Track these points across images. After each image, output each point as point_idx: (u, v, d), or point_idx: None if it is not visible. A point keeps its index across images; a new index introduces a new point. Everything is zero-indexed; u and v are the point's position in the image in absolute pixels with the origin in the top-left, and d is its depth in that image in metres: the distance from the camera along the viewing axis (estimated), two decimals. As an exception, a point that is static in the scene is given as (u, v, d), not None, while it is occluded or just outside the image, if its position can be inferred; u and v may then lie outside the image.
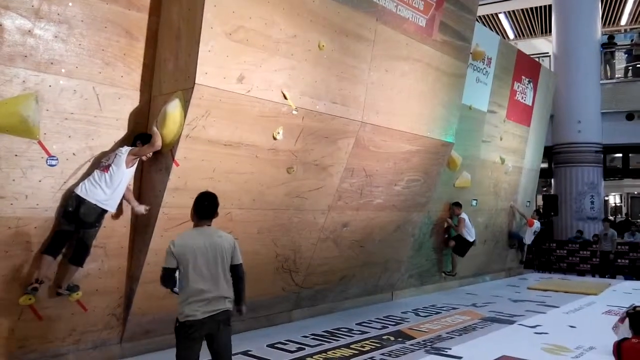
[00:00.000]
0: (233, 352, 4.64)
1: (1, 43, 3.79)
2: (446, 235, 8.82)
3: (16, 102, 3.83)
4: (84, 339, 4.48)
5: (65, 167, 4.15)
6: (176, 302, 3.33)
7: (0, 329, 3.98)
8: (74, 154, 4.19)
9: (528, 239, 10.92)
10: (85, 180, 4.16)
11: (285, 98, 4.91)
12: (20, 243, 3.98)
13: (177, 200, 4.51)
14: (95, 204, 4.12)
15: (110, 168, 4.20)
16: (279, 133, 5.01)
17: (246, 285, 3.51)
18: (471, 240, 8.70)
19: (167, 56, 4.51)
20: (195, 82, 4.17)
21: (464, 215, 8.62)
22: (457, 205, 8.64)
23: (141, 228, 4.64)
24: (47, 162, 4.03)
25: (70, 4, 4.09)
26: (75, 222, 4.09)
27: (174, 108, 4.22)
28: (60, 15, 4.05)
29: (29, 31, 3.91)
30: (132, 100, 4.54)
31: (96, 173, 4.19)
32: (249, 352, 4.92)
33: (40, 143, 3.98)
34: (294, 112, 5.04)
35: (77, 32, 4.15)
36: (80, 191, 4.10)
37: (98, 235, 4.37)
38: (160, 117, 4.27)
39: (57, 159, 4.08)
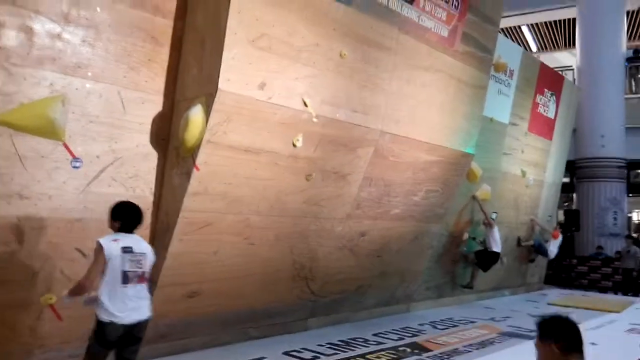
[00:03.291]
0: (249, 359, 4.62)
1: (31, 46, 3.89)
2: (464, 249, 8.71)
3: (44, 105, 3.91)
4: (102, 340, 4.50)
5: (89, 170, 4.21)
6: (192, 306, 3.36)
7: (20, 327, 4.04)
8: (97, 156, 4.25)
9: (552, 252, 10.66)
10: (122, 304, 3.30)
11: (306, 106, 4.93)
12: (43, 243, 4.04)
13: (197, 204, 4.55)
14: (148, 319, 3.52)
15: (146, 275, 3.52)
16: (298, 140, 5.03)
17: (262, 291, 3.17)
18: (497, 251, 8.56)
19: (191, 62, 4.57)
20: (218, 87, 4.22)
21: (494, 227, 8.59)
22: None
23: (161, 232, 4.68)
24: (71, 164, 4.10)
25: (98, 9, 4.18)
26: (122, 345, 3.41)
27: (196, 113, 4.27)
28: (89, 20, 4.14)
29: (58, 35, 4.01)
30: (156, 105, 4.60)
31: (130, 289, 3.34)
32: (265, 359, 4.90)
33: (65, 145, 4.06)
34: (314, 120, 5.06)
35: (104, 37, 4.24)
36: (129, 319, 3.33)
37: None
38: (183, 121, 4.33)
39: (81, 161, 4.15)
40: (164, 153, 4.68)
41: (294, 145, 5.03)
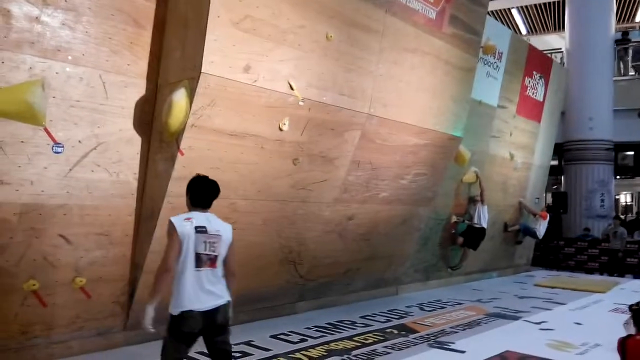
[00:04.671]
0: (236, 342, 4.60)
1: (8, 29, 3.79)
2: (453, 231, 8.77)
3: (23, 89, 3.82)
4: (88, 326, 4.50)
5: (71, 155, 4.15)
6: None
7: (4, 314, 4.00)
8: (79, 141, 4.19)
9: (541, 232, 10.70)
10: (199, 290, 3.01)
11: (292, 89, 4.89)
12: (25, 229, 4.00)
13: (181, 190, 4.44)
14: (228, 303, 3.15)
15: (218, 260, 3.13)
16: (285, 124, 4.99)
17: (250, 275, 3.19)
18: (484, 226, 8.64)
19: (174, 45, 4.50)
20: (202, 71, 4.15)
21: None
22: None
23: (145, 217, 4.64)
24: (52, 149, 4.04)
25: (77, -9, 4.08)
26: (209, 337, 3.11)
27: (180, 97, 4.21)
28: (68, 3, 4.05)
29: (36, 18, 3.92)
30: (139, 89, 4.53)
31: (204, 273, 3.03)
32: (252, 342, 4.92)
33: (46, 130, 3.99)
34: (300, 103, 5.02)
35: (84, 20, 4.15)
36: (208, 305, 3.02)
37: (102, 223, 4.40)
38: (166, 105, 4.27)
39: (62, 146, 4.09)
40: (148, 138, 4.62)
41: (280, 129, 5.00)
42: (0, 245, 3.91)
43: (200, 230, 3.04)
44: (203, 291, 3.01)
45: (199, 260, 3.02)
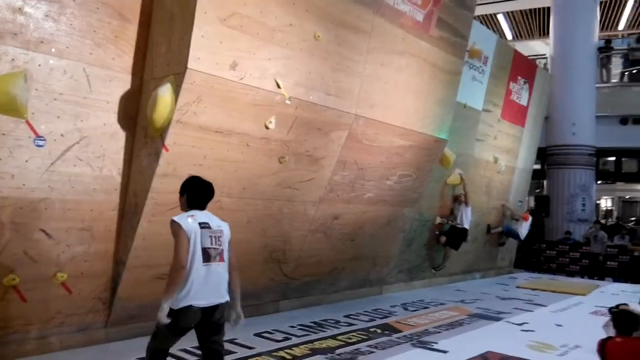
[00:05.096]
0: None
1: (-9, 20, 3.74)
2: (437, 232, 8.83)
3: (4, 80, 3.77)
4: (69, 321, 4.44)
5: (53, 148, 4.10)
6: (161, 288, 3.31)
7: (-18, 309, 3.94)
8: (62, 135, 4.13)
9: (523, 234, 10.79)
10: (203, 285, 3.04)
11: (279, 87, 4.88)
12: (5, 223, 3.93)
13: (166, 186, 4.47)
14: (227, 302, 3.22)
15: (225, 254, 3.20)
16: (271, 122, 4.98)
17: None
18: (467, 227, 8.72)
19: (160, 40, 4.46)
20: (187, 66, 4.13)
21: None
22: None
23: (129, 213, 4.60)
24: (34, 142, 3.98)
25: (62, -17, 4.03)
26: (203, 334, 3.17)
27: (165, 92, 4.17)
28: (52, -6, 4.00)
29: (19, 9, 3.86)
30: (124, 83, 4.49)
31: (212, 267, 3.08)
32: (235, 341, 4.89)
33: (28, 123, 3.93)
34: (287, 102, 5.01)
35: (68, 12, 4.10)
36: (209, 302, 3.07)
37: (84, 217, 4.35)
38: (151, 100, 4.24)
39: (44, 140, 4.03)
40: (132, 133, 4.58)
41: (267, 127, 4.99)
42: (-21, 239, 3.84)
43: (204, 225, 3.11)
44: (208, 287, 3.05)
45: (207, 255, 3.07)
